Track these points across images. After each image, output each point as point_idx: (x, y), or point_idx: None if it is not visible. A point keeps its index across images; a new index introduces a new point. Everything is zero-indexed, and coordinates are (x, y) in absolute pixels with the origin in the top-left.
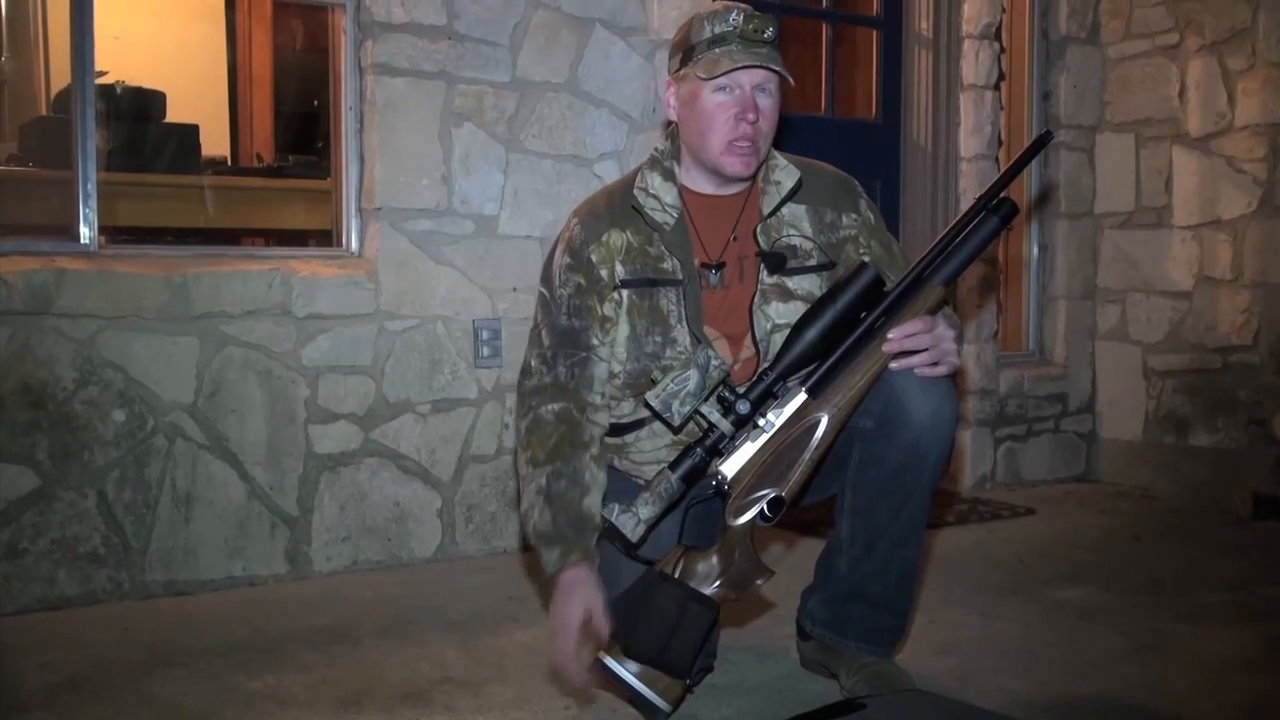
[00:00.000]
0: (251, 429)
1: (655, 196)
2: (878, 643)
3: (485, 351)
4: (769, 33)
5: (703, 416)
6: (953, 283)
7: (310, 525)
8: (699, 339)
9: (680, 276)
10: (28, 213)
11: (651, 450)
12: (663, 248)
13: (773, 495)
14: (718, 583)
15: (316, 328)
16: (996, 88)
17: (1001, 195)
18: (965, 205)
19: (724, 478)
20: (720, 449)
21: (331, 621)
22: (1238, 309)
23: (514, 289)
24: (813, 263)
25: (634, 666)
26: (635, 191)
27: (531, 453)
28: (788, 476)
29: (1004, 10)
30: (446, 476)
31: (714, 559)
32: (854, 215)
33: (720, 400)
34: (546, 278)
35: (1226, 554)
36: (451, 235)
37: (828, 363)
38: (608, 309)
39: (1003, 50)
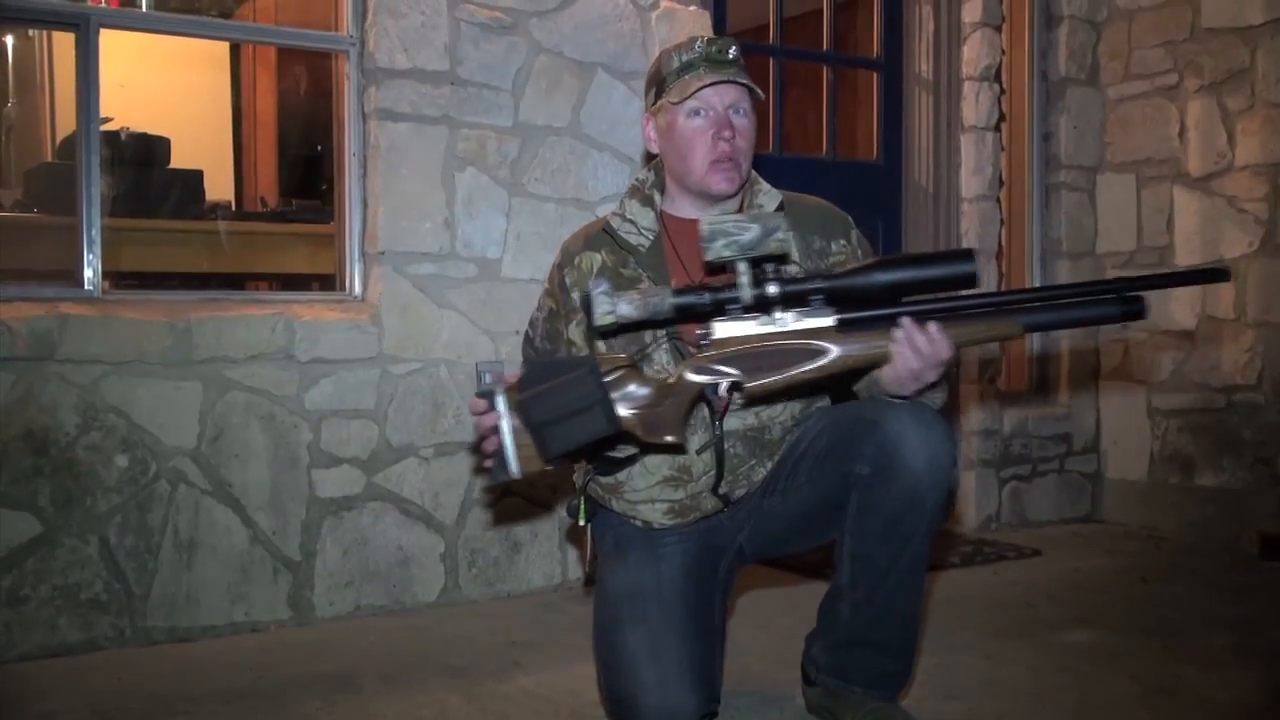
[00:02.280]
0: (254, 474)
1: (631, 221)
2: (883, 688)
3: None
4: (733, 52)
5: (734, 270)
6: (1032, 332)
7: (313, 570)
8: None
9: None
10: (32, 258)
11: (645, 489)
12: (638, 269)
13: (737, 379)
14: (635, 411)
15: (320, 372)
16: (997, 129)
17: (1139, 293)
18: (966, 245)
19: (710, 333)
20: (726, 310)
21: (334, 668)
22: (1241, 348)
23: (517, 332)
24: None
25: (515, 421)
26: (611, 217)
27: None
28: (763, 374)
29: (1003, 52)
30: (450, 520)
31: (648, 390)
32: (844, 242)
33: (759, 270)
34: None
35: (1235, 595)
36: (454, 279)
37: (874, 313)
38: (574, 332)
39: (1003, 92)
